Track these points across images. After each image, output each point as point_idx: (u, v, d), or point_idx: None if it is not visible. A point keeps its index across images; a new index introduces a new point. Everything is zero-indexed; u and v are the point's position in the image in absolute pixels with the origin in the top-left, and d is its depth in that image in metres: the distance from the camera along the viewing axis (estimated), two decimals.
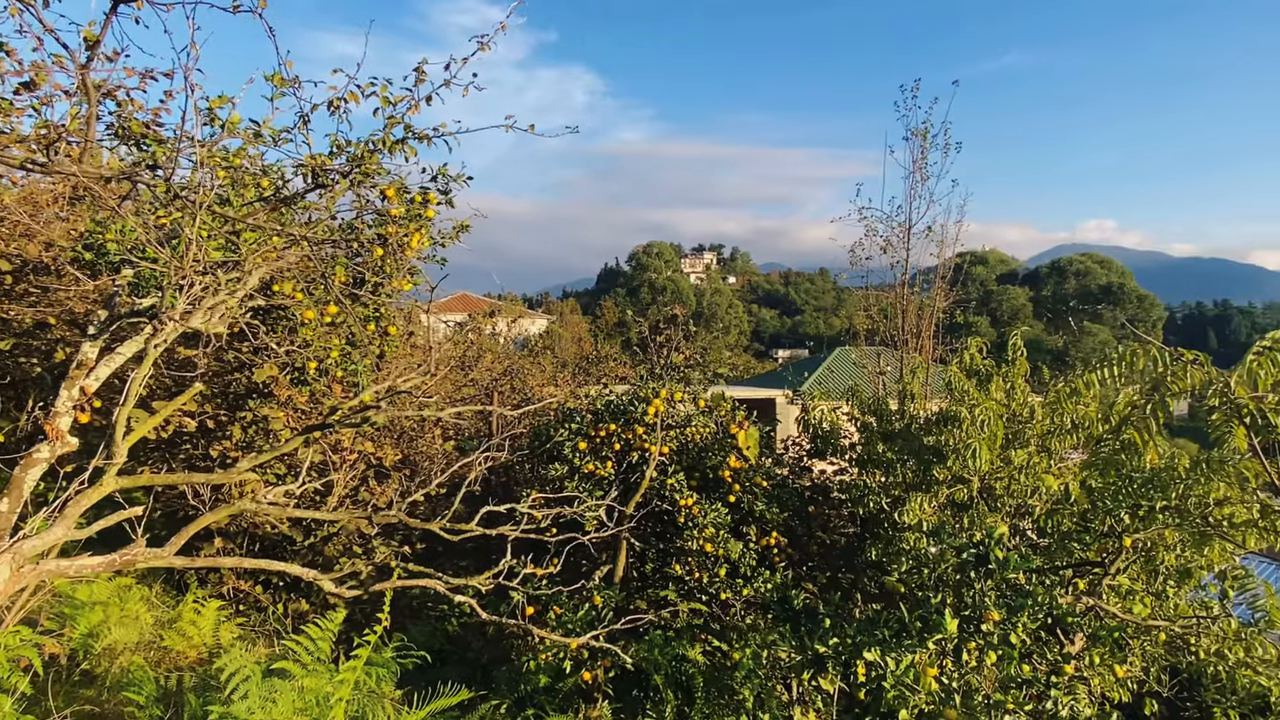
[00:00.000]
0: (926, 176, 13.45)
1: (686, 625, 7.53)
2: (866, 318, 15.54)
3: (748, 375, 66.79)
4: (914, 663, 3.59)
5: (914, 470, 7.59)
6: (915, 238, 13.91)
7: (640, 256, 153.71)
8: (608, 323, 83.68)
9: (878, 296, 15.45)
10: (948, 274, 14.41)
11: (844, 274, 15.41)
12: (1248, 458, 4.34)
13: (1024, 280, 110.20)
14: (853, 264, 14.44)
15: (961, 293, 16.29)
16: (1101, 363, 4.45)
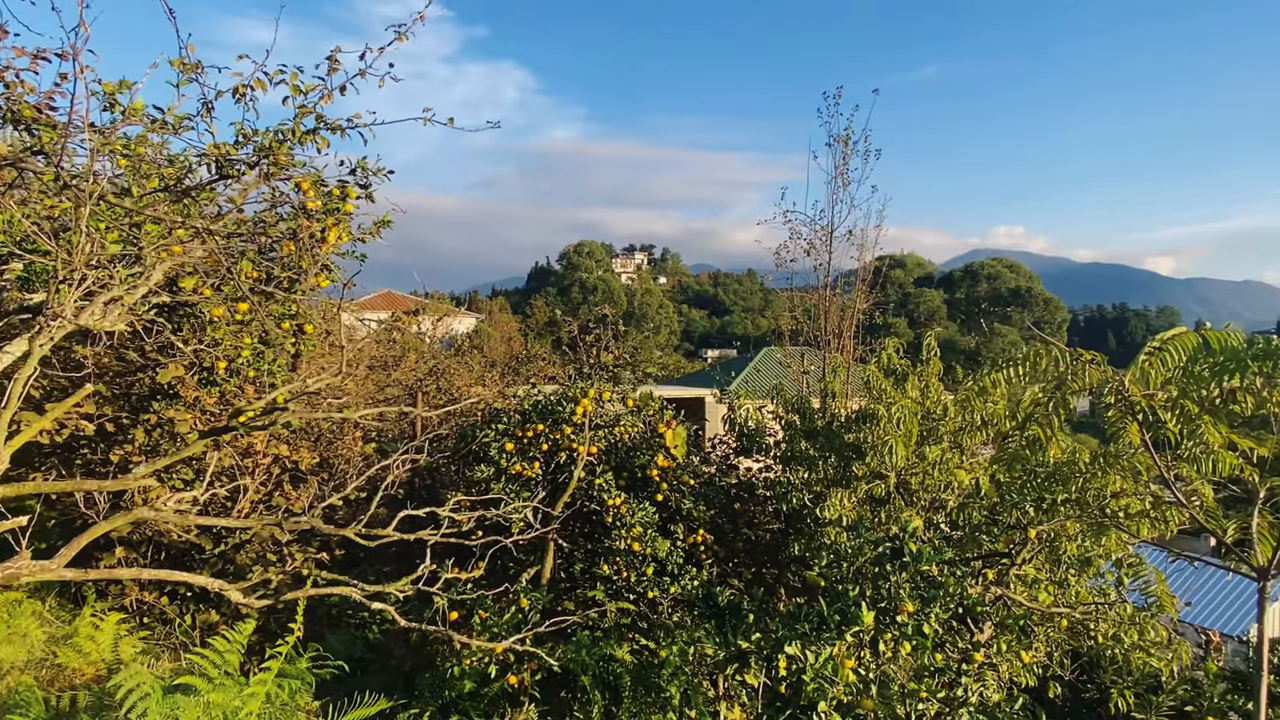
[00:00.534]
0: (848, 182, 13.84)
1: (615, 625, 7.52)
2: (791, 318, 15.88)
3: (678, 375, 67.33)
4: (833, 655, 3.67)
5: (835, 467, 7.79)
6: (837, 241, 14.29)
7: (571, 256, 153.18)
8: (538, 322, 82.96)
9: (802, 298, 15.80)
10: (868, 277, 14.86)
11: (769, 275, 15.73)
12: (1140, 452, 4.63)
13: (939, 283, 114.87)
14: (778, 266, 14.75)
15: (881, 295, 16.84)
16: (1007, 362, 4.66)
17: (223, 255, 3.68)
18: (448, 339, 18.94)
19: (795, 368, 16.21)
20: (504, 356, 31.62)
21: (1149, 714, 7.34)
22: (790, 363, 16.47)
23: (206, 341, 6.03)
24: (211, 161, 3.51)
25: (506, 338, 52.16)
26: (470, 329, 49.75)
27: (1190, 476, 4.42)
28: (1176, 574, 19.61)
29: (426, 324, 16.50)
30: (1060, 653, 6.16)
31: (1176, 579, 20.07)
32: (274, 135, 3.54)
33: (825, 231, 14.18)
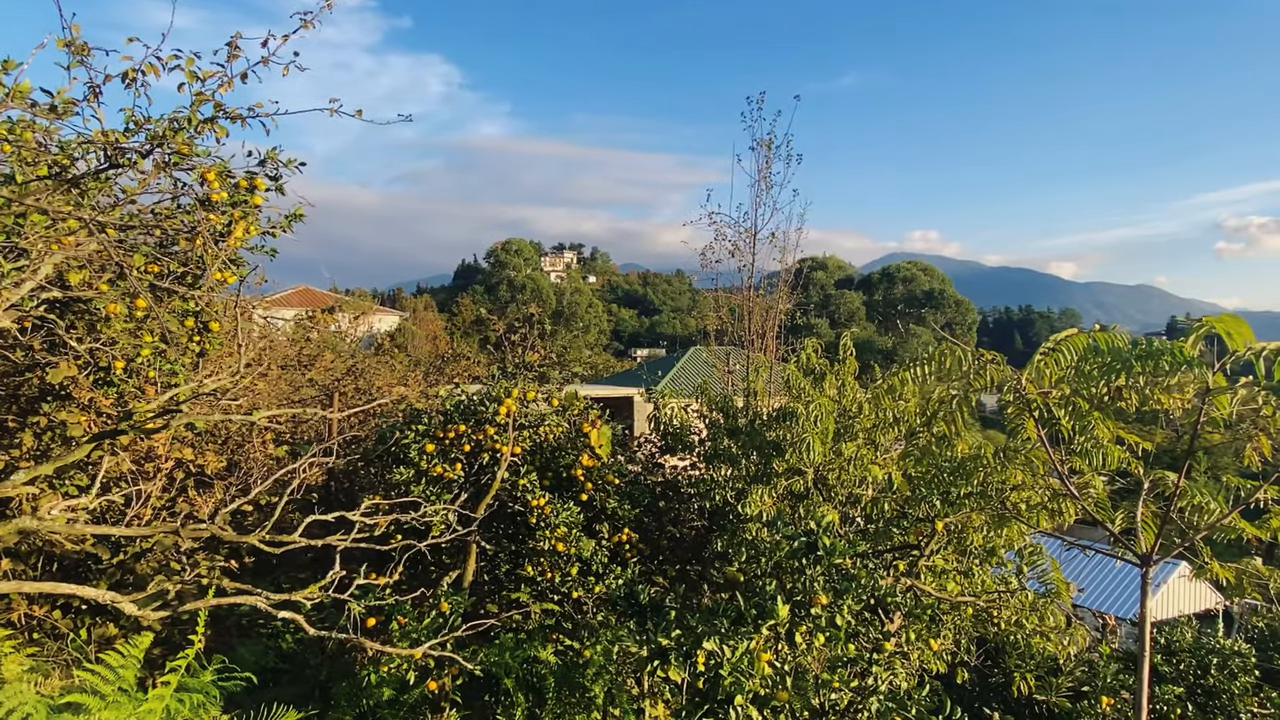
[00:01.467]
0: (771, 185, 14.09)
1: (539, 626, 7.47)
2: (717, 319, 16.08)
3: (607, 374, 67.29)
4: (750, 649, 3.74)
5: (757, 464, 7.93)
6: (760, 243, 14.53)
7: (499, 253, 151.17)
8: (465, 321, 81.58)
9: (727, 298, 16.02)
10: (789, 278, 15.18)
11: (695, 276, 15.91)
12: (1037, 447, 4.89)
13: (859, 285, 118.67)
14: (703, 266, 14.91)
15: (803, 296, 17.24)
16: (914, 362, 4.85)
17: (113, 249, 3.46)
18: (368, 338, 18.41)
19: (721, 367, 16.43)
20: (429, 356, 30.96)
21: (1049, 695, 7.75)
22: (715, 362, 16.69)
23: (103, 340, 5.68)
24: (99, 149, 3.30)
25: (432, 336, 51.12)
26: (393, 328, 48.52)
27: (1083, 469, 4.70)
28: (1080, 561, 20.84)
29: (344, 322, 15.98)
30: (967, 640, 6.45)
31: (1080, 566, 21.33)
32: (168, 123, 3.35)
33: (749, 234, 14.41)
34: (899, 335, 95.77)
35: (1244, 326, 3.39)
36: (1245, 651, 8.49)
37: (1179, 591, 21.67)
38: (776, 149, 13.99)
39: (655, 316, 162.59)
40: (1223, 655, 8.31)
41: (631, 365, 69.91)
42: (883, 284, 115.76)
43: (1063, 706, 7.43)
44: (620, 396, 26.10)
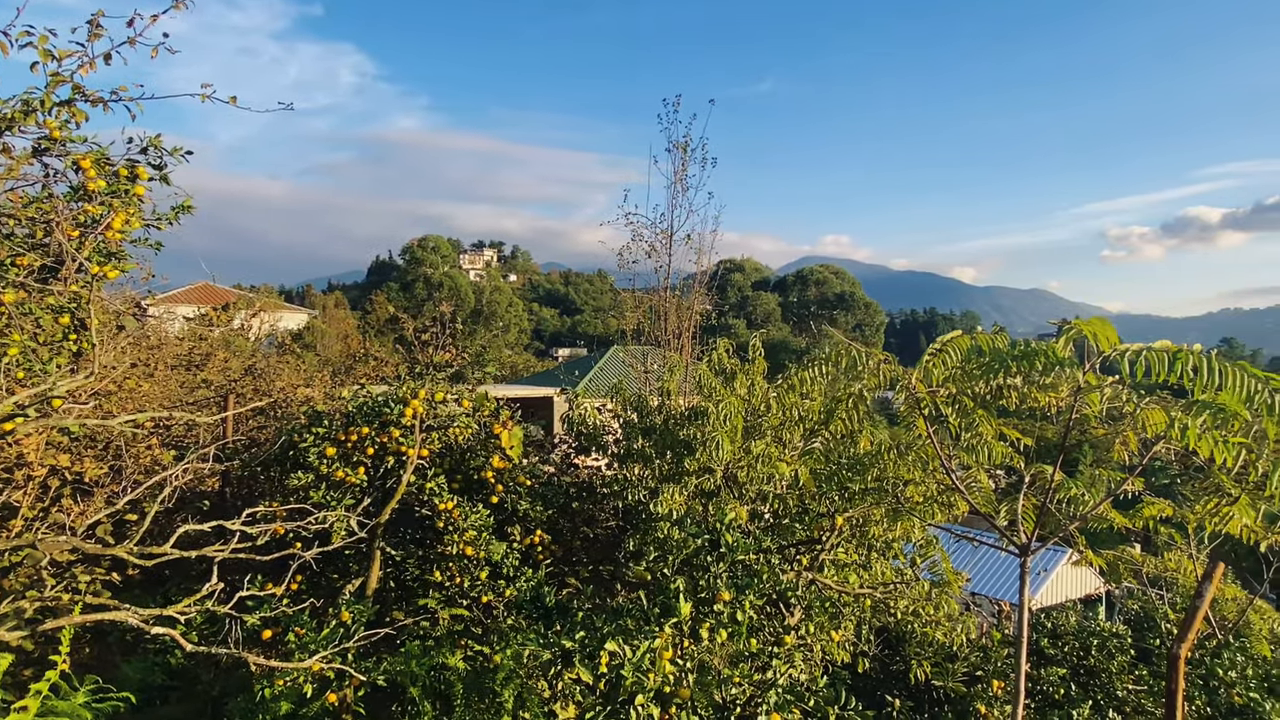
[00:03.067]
0: (686, 188, 14.25)
1: (448, 632, 7.31)
2: (635, 319, 16.15)
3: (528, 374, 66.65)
4: (652, 648, 3.76)
5: (670, 462, 8.00)
6: (677, 244, 14.68)
7: (415, 250, 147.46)
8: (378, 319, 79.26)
9: (644, 298, 16.11)
10: (705, 279, 15.38)
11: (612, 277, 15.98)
12: (927, 443, 5.10)
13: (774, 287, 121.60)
14: (620, 266, 14.95)
15: (719, 297, 17.52)
16: (813, 361, 4.98)
17: None
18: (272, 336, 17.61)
19: (638, 367, 16.51)
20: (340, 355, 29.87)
21: (946, 680, 8.11)
22: (633, 362, 16.76)
23: None
24: None
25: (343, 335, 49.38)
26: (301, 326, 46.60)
27: (970, 464, 4.94)
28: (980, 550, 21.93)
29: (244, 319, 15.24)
30: (867, 630, 6.68)
31: (979, 555, 22.45)
32: (19, 104, 3.10)
33: (665, 235, 14.54)
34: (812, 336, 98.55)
35: (1109, 329, 3.63)
36: (1122, 633, 9.10)
37: (1066, 578, 23.11)
38: (692, 152, 14.17)
39: (577, 316, 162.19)
40: (1102, 637, 8.89)
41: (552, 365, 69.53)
42: (797, 286, 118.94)
43: (958, 691, 7.77)
44: (540, 397, 25.94)
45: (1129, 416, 4.20)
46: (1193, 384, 3.43)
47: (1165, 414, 3.76)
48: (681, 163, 14.12)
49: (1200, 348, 3.49)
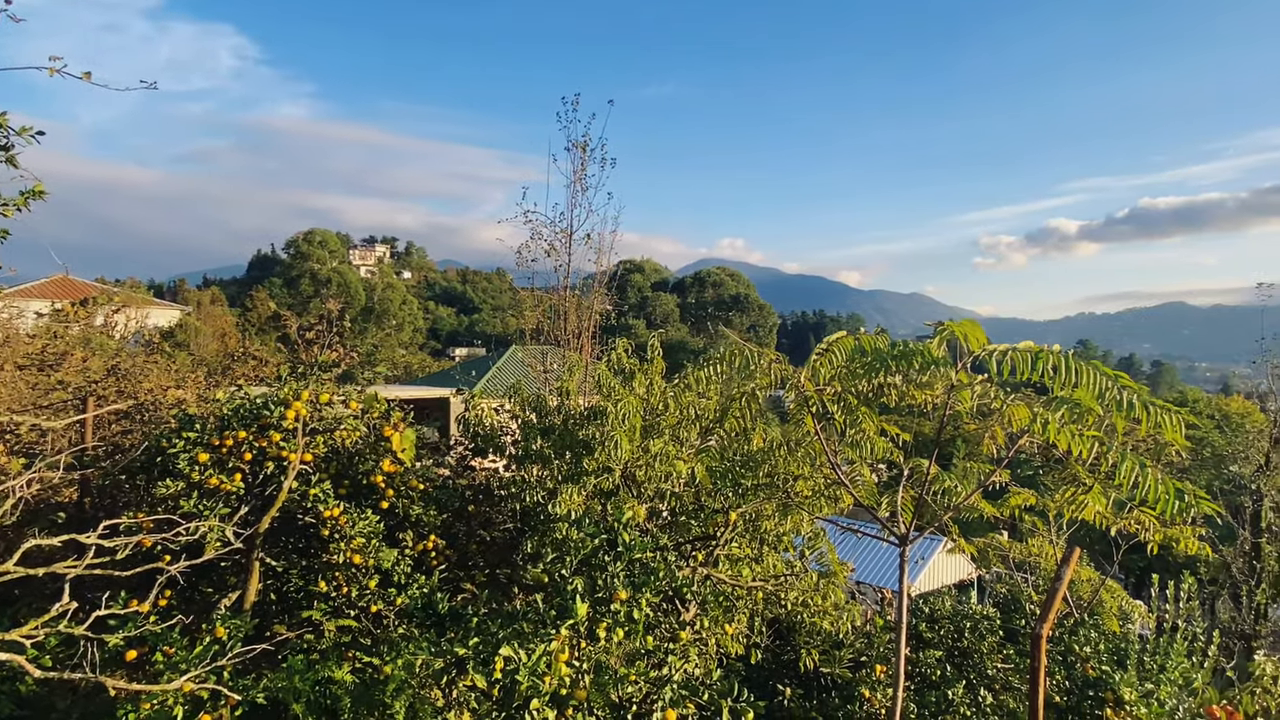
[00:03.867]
0: (586, 187, 14.25)
1: (334, 644, 6.99)
2: (534, 318, 15.99)
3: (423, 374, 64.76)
4: (549, 651, 3.72)
5: (569, 463, 7.95)
6: (576, 244, 14.66)
7: (300, 244, 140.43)
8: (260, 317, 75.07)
9: (544, 298, 15.98)
10: (605, 279, 15.42)
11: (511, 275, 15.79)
12: (815, 439, 5.30)
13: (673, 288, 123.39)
14: (519, 265, 14.78)
15: (618, 297, 17.59)
16: (706, 361, 5.08)
17: None
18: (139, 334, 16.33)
19: (538, 367, 16.36)
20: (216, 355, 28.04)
21: (833, 667, 8.44)
22: (532, 362, 16.59)
23: None
24: None
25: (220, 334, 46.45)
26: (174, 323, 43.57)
27: (854, 459, 5.17)
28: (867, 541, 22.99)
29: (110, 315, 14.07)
30: (760, 622, 6.86)
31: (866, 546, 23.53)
32: None
33: (565, 234, 14.48)
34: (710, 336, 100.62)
35: (978, 330, 3.88)
36: (992, 615, 9.74)
37: (943, 565, 24.59)
38: (592, 151, 14.18)
39: (475, 315, 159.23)
40: (974, 619, 9.48)
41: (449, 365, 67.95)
42: (695, 288, 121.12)
43: (844, 676, 8.10)
44: (435, 398, 25.22)
45: (997, 412, 4.50)
46: (1052, 382, 3.72)
47: (1028, 410, 4.05)
48: (581, 162, 14.11)
49: (1059, 348, 3.78)
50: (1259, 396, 19.09)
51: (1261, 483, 16.48)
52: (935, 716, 7.34)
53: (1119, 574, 22.53)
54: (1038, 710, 3.69)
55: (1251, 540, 16.04)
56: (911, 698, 7.81)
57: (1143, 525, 5.71)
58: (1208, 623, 12.98)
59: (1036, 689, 3.71)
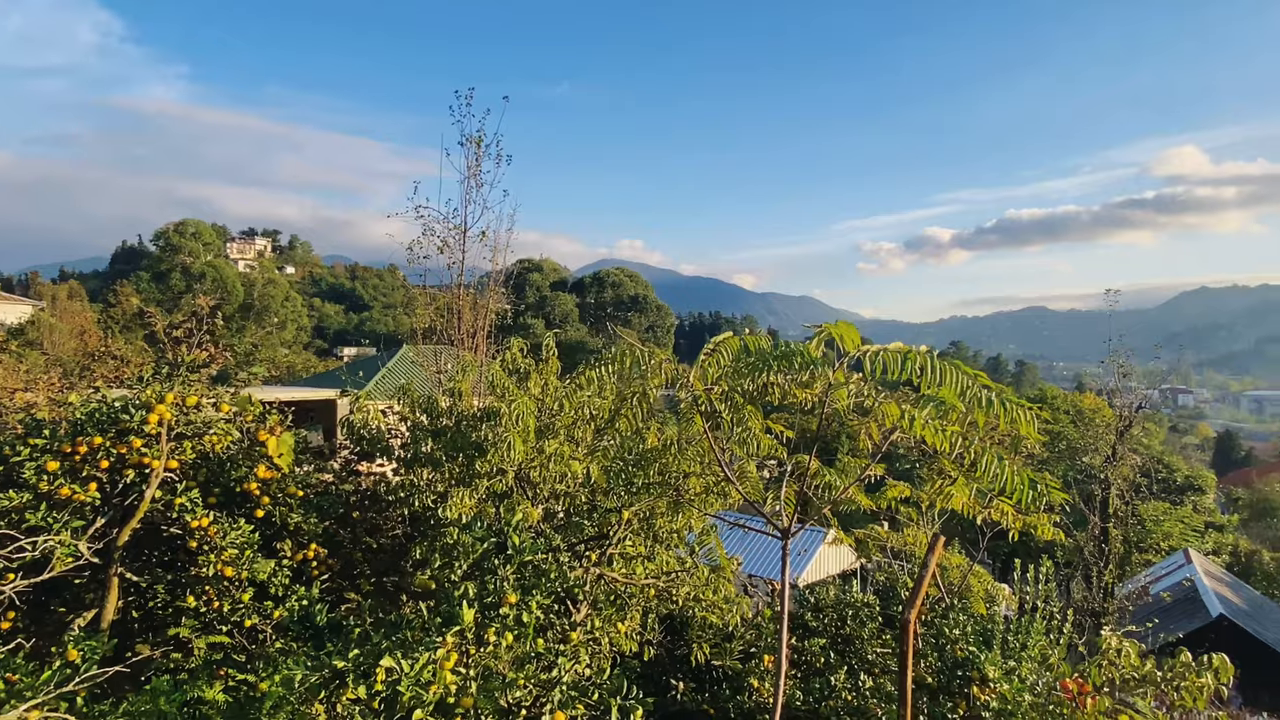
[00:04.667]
0: (481, 183, 14.00)
1: (204, 663, 6.56)
2: (427, 316, 15.56)
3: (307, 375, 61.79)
4: (434, 659, 3.62)
5: (460, 465, 7.78)
6: (471, 241, 14.36)
7: (171, 236, 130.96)
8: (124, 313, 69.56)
9: (438, 296, 15.58)
10: (501, 278, 15.19)
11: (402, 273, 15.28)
12: (704, 437, 5.41)
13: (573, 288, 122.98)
14: (410, 262, 14.34)
15: (513, 297, 17.37)
16: (602, 361, 5.10)
17: None
18: None
19: (430, 367, 15.93)
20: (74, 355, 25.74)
21: (724, 659, 8.65)
22: (424, 362, 16.14)
23: None
24: None
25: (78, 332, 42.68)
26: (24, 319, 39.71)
27: (741, 456, 5.32)
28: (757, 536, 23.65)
29: None
30: (653, 618, 6.94)
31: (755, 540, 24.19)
32: None
33: (459, 230, 14.17)
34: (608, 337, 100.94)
35: (854, 332, 4.08)
36: (872, 602, 10.23)
37: (828, 556, 25.64)
38: (487, 147, 13.94)
39: (365, 313, 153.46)
40: (855, 607, 9.93)
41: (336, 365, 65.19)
42: (594, 288, 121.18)
43: (735, 668, 8.31)
44: (320, 399, 24.13)
45: (873, 410, 4.74)
46: (920, 380, 3.96)
47: (899, 407, 4.29)
48: (475, 157, 13.85)
49: (926, 349, 4.03)
50: (1108, 393, 20.97)
51: (1109, 472, 18.12)
52: (819, 703, 7.65)
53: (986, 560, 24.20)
54: (907, 692, 3.90)
55: (1100, 525, 17.61)
56: (798, 685, 8.11)
57: (1004, 514, 6.16)
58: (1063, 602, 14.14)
59: (906, 672, 3.93)
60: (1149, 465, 23.68)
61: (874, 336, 4.72)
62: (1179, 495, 45.55)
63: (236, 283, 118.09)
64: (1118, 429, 18.82)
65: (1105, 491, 17.91)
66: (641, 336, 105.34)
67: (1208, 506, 50.33)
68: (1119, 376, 19.57)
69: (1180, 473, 49.19)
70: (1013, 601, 12.38)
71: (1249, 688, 18.12)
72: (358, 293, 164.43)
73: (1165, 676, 6.43)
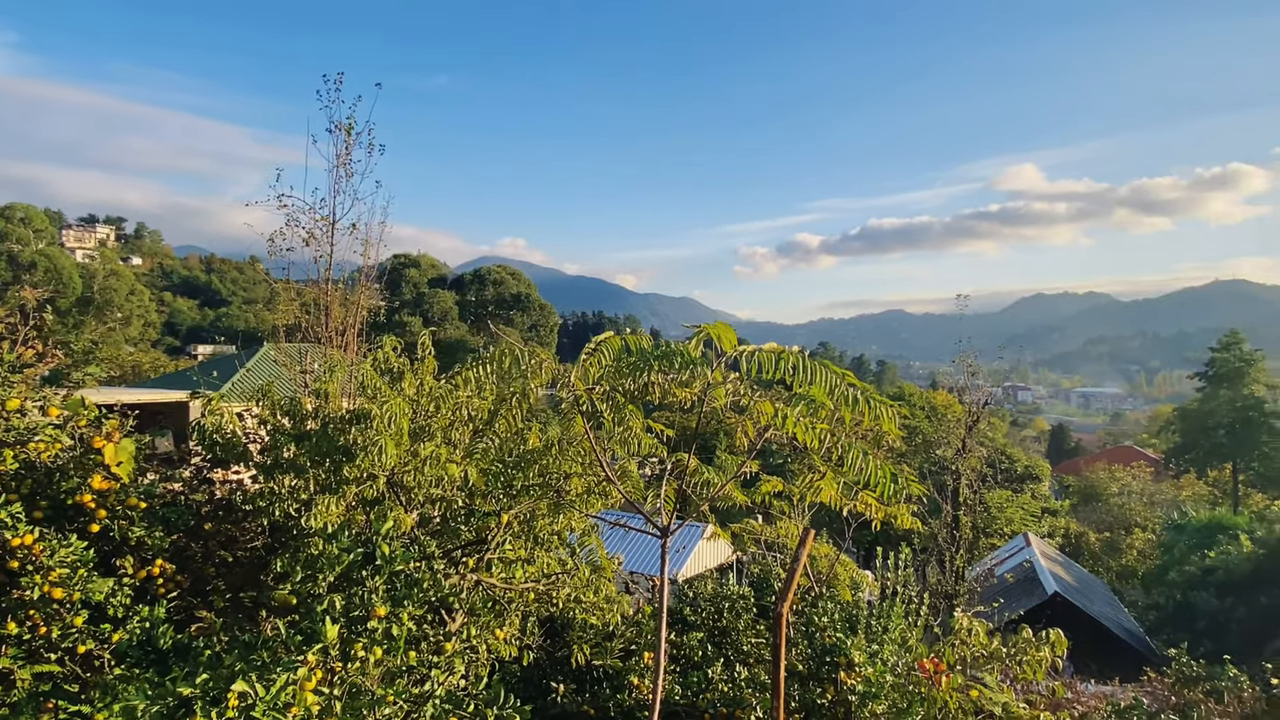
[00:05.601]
0: (351, 173, 13.34)
1: (29, 695, 5.87)
2: (290, 313, 14.66)
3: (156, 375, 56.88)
4: (294, 680, 3.38)
5: (327, 471, 7.37)
6: (340, 233, 13.66)
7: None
8: None
9: (304, 291, 14.72)
10: (373, 273, 14.55)
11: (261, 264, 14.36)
12: (585, 438, 5.38)
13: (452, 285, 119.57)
14: (270, 254, 13.46)
15: (387, 294, 16.68)
16: (478, 361, 4.95)
17: None
18: None
19: (295, 367, 15.02)
20: None
21: (605, 659, 8.66)
22: (288, 362, 15.19)
23: None
24: None
25: None
26: None
27: (623, 455, 5.33)
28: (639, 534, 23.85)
29: None
30: (532, 622, 6.83)
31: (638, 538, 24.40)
32: None
33: (326, 221, 13.43)
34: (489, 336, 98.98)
35: (730, 332, 4.18)
36: (747, 594, 10.56)
37: (708, 551, 26.27)
38: (357, 135, 13.29)
39: (223, 309, 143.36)
40: (731, 600, 10.21)
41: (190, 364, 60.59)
42: (475, 285, 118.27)
43: (616, 666, 8.34)
44: (170, 402, 22.22)
45: (749, 408, 4.86)
46: (792, 379, 4.10)
47: (772, 405, 4.43)
48: (345, 145, 13.18)
49: (798, 349, 4.18)
50: (958, 390, 22.69)
51: (959, 464, 19.57)
52: (697, 695, 7.80)
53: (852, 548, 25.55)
54: (779, 682, 4.03)
55: (952, 513, 18.99)
56: (676, 680, 8.23)
57: (868, 505, 6.49)
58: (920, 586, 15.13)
59: (778, 662, 4.05)
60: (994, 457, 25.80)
61: (750, 337, 4.84)
62: (1020, 484, 49.98)
63: (73, 273, 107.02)
64: (966, 423, 20.37)
65: (956, 482, 19.34)
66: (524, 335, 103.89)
67: (1044, 493, 55.56)
68: (968, 375, 21.21)
69: (1020, 463, 53.93)
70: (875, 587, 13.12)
71: (1079, 657, 20.13)
72: (214, 286, 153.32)
73: (1010, 652, 6.99)
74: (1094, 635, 22.87)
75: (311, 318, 14.19)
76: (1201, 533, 31.05)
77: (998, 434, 59.76)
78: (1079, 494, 58.23)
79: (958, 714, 6.42)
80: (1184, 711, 9.97)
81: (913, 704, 6.36)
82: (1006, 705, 6.66)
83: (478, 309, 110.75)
